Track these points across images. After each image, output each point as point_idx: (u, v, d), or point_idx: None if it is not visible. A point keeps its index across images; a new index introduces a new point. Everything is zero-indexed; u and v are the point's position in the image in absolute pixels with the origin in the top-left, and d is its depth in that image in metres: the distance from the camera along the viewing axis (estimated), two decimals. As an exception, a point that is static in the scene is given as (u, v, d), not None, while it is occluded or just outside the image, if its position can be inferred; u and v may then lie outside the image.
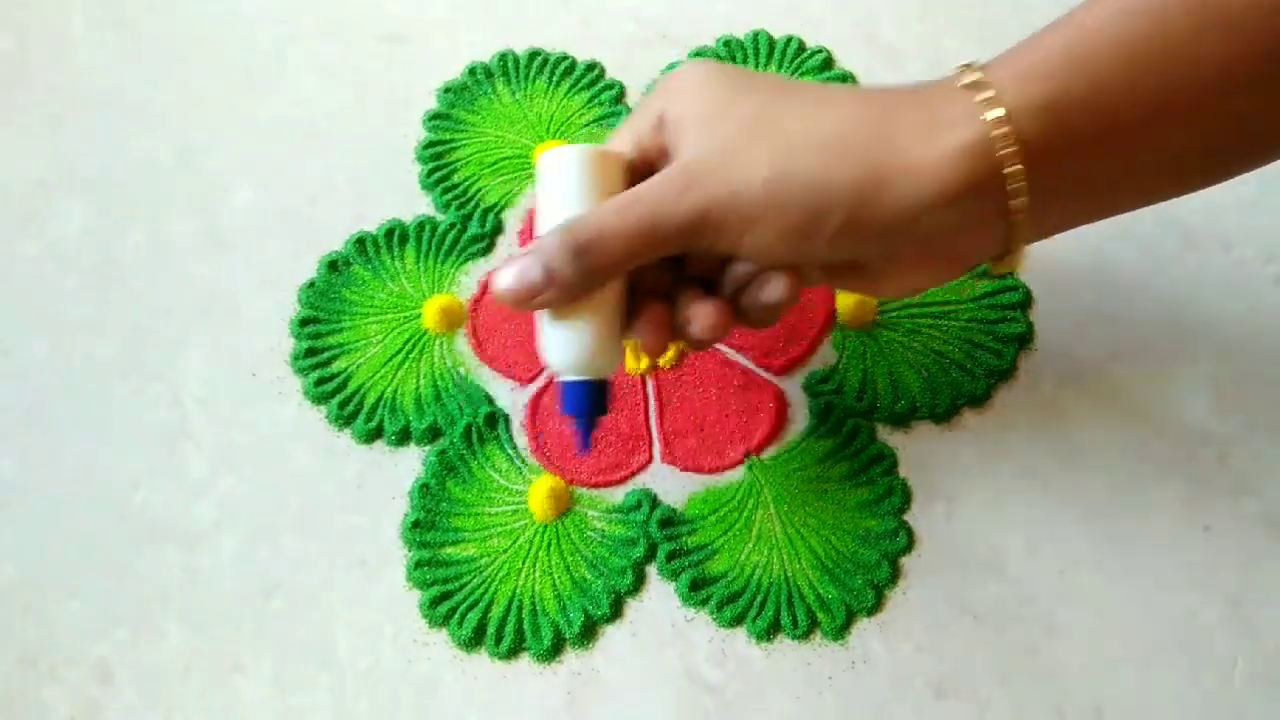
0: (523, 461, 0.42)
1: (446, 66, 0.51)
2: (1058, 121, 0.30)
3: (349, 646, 0.39)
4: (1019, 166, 0.30)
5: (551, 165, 0.34)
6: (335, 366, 0.44)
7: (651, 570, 0.40)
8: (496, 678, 0.38)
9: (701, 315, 0.33)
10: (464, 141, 0.49)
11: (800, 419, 0.42)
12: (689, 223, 0.31)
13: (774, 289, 0.33)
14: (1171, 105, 0.29)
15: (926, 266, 0.33)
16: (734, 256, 0.33)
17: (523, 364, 0.44)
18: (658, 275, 0.34)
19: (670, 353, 0.43)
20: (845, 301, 0.44)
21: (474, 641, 0.39)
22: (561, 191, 0.33)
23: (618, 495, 0.41)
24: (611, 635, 0.39)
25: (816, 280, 0.35)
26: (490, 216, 0.47)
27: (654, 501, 0.41)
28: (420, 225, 0.47)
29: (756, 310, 0.34)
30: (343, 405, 0.43)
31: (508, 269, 0.32)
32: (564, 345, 0.34)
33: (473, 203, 0.47)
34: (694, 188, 0.31)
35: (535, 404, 0.43)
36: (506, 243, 0.47)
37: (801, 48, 0.51)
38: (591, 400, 0.35)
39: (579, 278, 0.32)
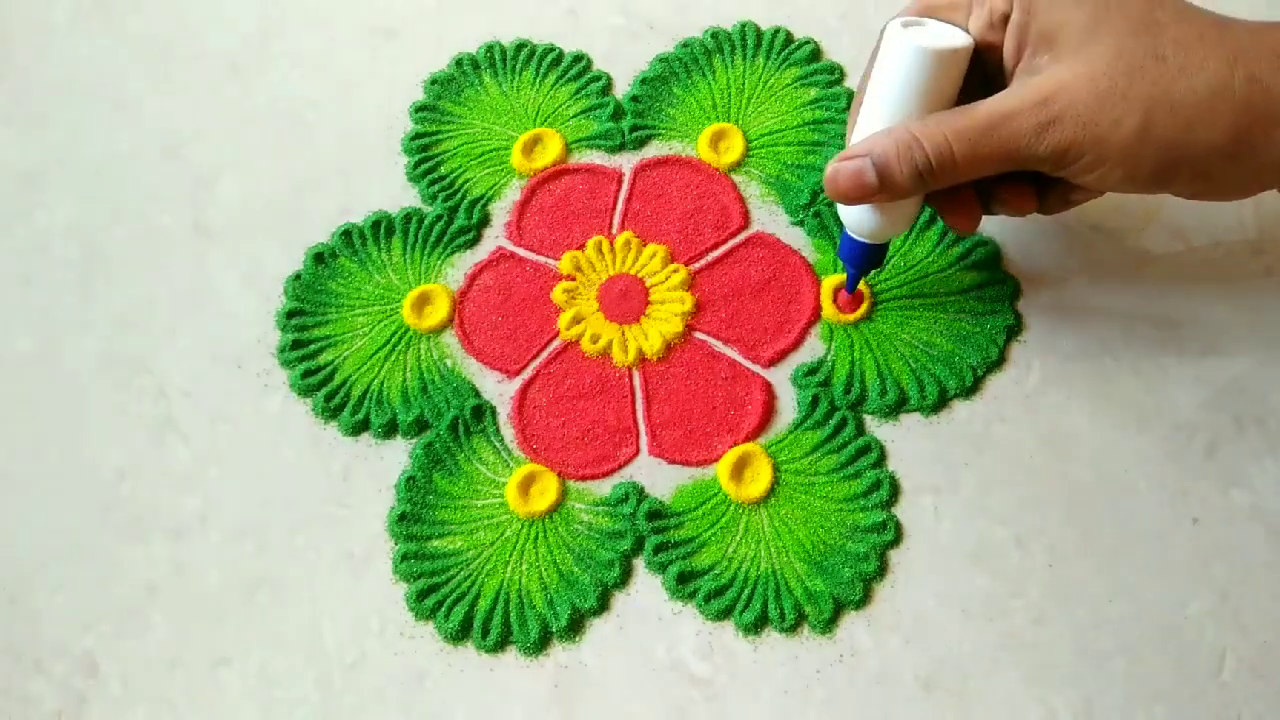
0: (509, 454, 0.42)
1: (433, 58, 0.51)
2: None
3: (335, 639, 0.39)
4: None
5: (899, 54, 0.34)
6: (322, 359, 0.44)
7: (639, 563, 0.40)
8: (483, 670, 0.38)
9: (1015, 200, 0.36)
10: (451, 133, 0.49)
11: (788, 411, 0.42)
12: (1044, 158, 0.32)
13: (1085, 195, 0.36)
14: None
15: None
16: (1067, 179, 0.34)
17: (509, 356, 0.44)
18: None
19: (657, 344, 0.43)
20: (829, 310, 0.44)
21: (461, 634, 0.38)
22: (902, 86, 0.34)
23: (605, 488, 0.41)
24: (598, 628, 0.39)
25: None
26: (477, 208, 0.47)
27: (641, 494, 0.41)
28: (407, 217, 0.47)
29: (1061, 206, 0.36)
30: (329, 398, 0.43)
31: (845, 167, 0.34)
32: (861, 215, 0.37)
33: (459, 194, 0.47)
34: (1057, 126, 0.31)
35: (522, 396, 0.43)
36: (493, 235, 0.47)
37: (789, 39, 0.50)
38: (869, 257, 0.39)
39: (915, 189, 0.33)
